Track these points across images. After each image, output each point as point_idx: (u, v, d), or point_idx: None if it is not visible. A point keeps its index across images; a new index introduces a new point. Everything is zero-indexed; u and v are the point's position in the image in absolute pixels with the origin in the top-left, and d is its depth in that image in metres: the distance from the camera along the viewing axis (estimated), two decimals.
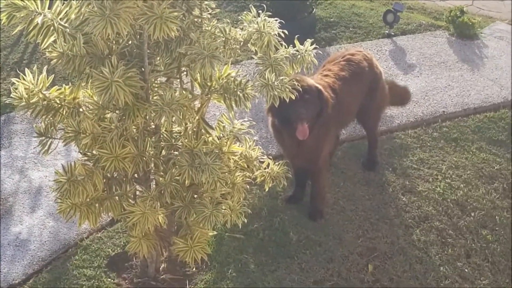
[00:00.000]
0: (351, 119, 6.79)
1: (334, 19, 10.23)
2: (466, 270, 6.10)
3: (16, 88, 4.35)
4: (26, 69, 4.46)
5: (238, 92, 4.41)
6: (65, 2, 4.11)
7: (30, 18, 3.95)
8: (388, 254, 6.10)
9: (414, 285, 5.87)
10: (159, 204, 4.68)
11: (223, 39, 4.45)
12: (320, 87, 5.78)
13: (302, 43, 4.67)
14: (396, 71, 8.96)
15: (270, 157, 5.14)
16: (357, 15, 10.44)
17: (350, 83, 6.30)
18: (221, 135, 4.82)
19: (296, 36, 4.66)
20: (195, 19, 4.34)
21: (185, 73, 4.55)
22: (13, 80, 4.39)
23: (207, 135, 4.70)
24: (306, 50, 4.64)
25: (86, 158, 4.66)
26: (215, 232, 5.39)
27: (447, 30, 10.20)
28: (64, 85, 4.50)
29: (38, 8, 4.00)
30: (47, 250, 6.02)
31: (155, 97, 4.36)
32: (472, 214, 6.63)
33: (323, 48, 9.23)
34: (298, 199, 6.55)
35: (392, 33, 9.92)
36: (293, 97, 4.55)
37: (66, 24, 4.03)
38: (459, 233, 6.43)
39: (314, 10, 10.08)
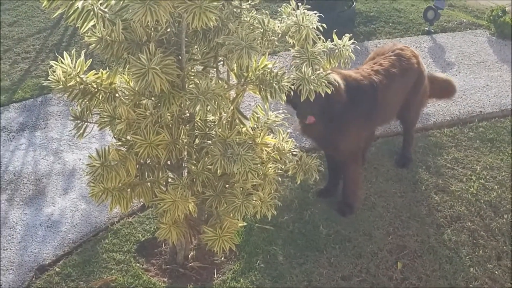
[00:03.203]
0: (393, 117, 6.76)
1: (374, 14, 10.19)
2: (496, 272, 6.04)
3: (54, 71, 4.38)
4: (64, 52, 4.49)
5: (274, 84, 4.39)
6: None
7: (71, 2, 3.96)
8: (418, 252, 6.06)
9: (443, 285, 5.82)
10: (190, 192, 4.70)
11: (261, 30, 4.45)
12: (337, 82, 5.67)
13: (340, 37, 4.65)
14: (435, 68, 8.89)
15: (303, 150, 5.12)
16: (397, 11, 10.39)
17: (398, 81, 6.26)
18: (255, 126, 4.81)
19: (335, 30, 4.64)
20: (234, 9, 4.34)
21: (221, 62, 4.55)
22: (51, 62, 4.42)
23: (241, 126, 4.70)
24: (344, 45, 4.61)
25: (120, 143, 4.69)
26: (244, 223, 5.38)
27: (488, 29, 10.10)
28: (101, 69, 4.53)
29: None
30: (78, 232, 6.07)
31: (191, 86, 4.37)
32: (505, 216, 6.55)
33: (361, 43, 9.19)
34: (329, 193, 6.52)
35: (432, 30, 9.86)
36: (329, 91, 4.54)
37: (106, 9, 4.04)
38: (491, 234, 6.37)
39: (354, 4, 10.07)
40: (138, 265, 5.75)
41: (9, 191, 6.50)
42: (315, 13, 4.50)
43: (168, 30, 4.32)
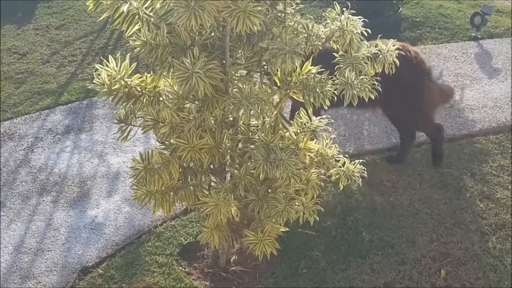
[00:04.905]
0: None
1: (420, 19, 10.11)
2: None
3: (99, 74, 4.42)
4: (110, 55, 4.53)
5: (317, 89, 4.39)
6: None
7: (116, 6, 3.99)
8: (461, 260, 6.00)
9: None
10: (232, 196, 4.70)
11: (305, 35, 4.43)
12: None
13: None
14: (481, 75, 8.79)
15: (347, 155, 5.10)
16: (444, 16, 10.29)
17: None
18: (298, 131, 4.80)
19: (379, 35, 4.61)
20: (279, 14, 4.33)
21: (265, 67, 4.54)
22: (97, 66, 4.46)
23: (284, 131, 4.69)
24: (388, 50, 4.58)
25: (163, 146, 4.72)
26: (286, 228, 5.36)
27: None
28: (146, 73, 4.55)
29: None
30: (121, 235, 6.12)
31: (234, 90, 4.37)
32: None
33: None
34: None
35: (479, 36, 9.73)
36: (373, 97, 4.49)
37: (150, 14, 4.06)
38: None
39: (400, 9, 10.00)
40: (180, 268, 5.77)
41: (54, 193, 6.58)
42: (360, 18, 4.47)
43: (212, 34, 4.33)
